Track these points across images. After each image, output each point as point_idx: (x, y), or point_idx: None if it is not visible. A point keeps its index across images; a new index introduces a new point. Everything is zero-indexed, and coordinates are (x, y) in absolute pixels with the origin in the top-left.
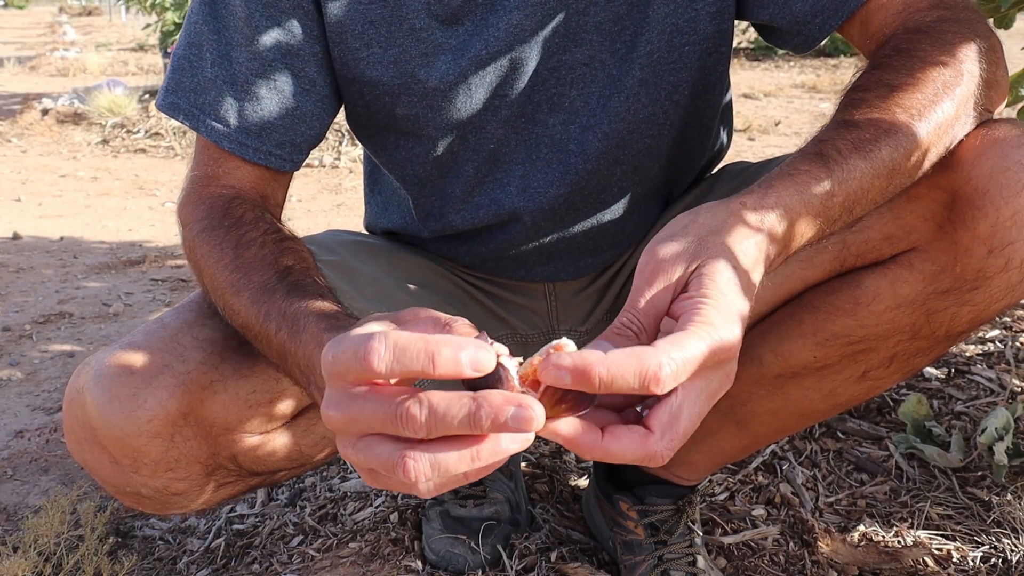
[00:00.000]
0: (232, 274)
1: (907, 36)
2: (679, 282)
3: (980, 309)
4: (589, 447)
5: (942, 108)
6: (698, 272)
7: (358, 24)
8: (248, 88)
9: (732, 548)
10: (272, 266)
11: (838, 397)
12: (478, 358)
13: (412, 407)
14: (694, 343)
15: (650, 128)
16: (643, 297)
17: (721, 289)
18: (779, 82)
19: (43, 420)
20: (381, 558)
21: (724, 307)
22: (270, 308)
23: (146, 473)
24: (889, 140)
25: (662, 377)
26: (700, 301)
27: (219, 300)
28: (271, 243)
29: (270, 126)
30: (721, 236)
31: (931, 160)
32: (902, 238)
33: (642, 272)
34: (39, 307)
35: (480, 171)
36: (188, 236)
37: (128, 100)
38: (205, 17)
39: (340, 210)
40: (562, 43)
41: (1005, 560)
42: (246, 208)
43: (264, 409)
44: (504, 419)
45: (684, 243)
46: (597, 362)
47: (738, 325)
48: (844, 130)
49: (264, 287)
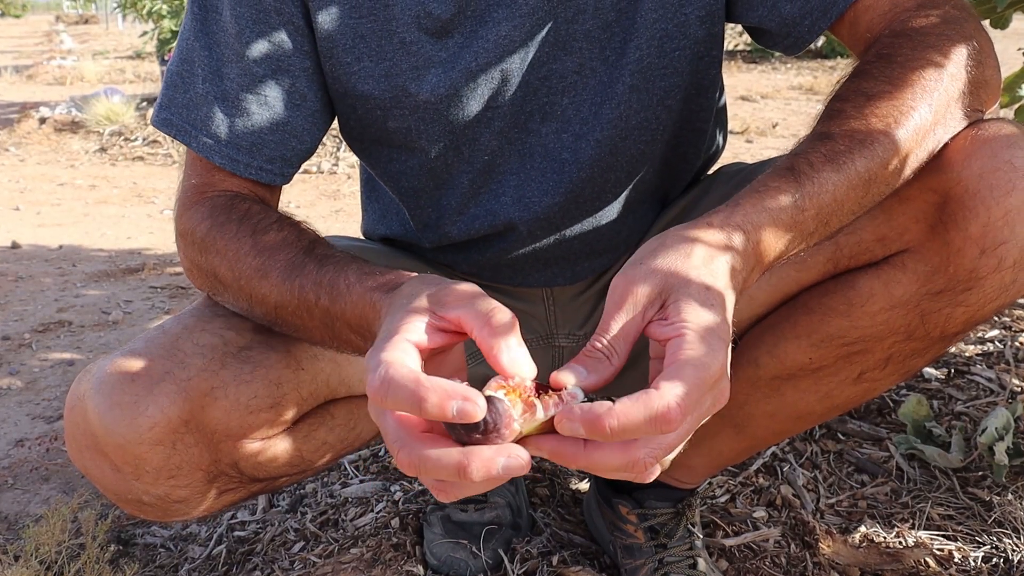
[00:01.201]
0: (255, 259)
1: (890, 41)
2: (649, 305)
3: (974, 310)
4: (572, 456)
5: (919, 114)
6: (675, 299)
7: (349, 38)
8: (239, 104)
9: (733, 550)
10: (295, 245)
11: (835, 399)
12: (465, 409)
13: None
14: (690, 373)
15: (643, 134)
16: (613, 321)
17: (699, 314)
18: (776, 84)
19: (43, 429)
20: (383, 563)
21: (706, 333)
22: (304, 281)
23: (148, 480)
24: (864, 151)
25: (673, 419)
26: (683, 328)
27: (243, 290)
28: (288, 226)
29: (261, 141)
30: (691, 259)
31: (912, 167)
32: (895, 239)
33: (612, 296)
34: (38, 316)
35: (475, 182)
36: (196, 239)
37: (126, 108)
38: (197, 33)
39: (339, 216)
40: (552, 52)
41: (1007, 560)
42: (251, 202)
43: (265, 415)
44: (496, 471)
45: (653, 266)
46: (605, 414)
47: (721, 349)
48: (819, 143)
49: (292, 264)
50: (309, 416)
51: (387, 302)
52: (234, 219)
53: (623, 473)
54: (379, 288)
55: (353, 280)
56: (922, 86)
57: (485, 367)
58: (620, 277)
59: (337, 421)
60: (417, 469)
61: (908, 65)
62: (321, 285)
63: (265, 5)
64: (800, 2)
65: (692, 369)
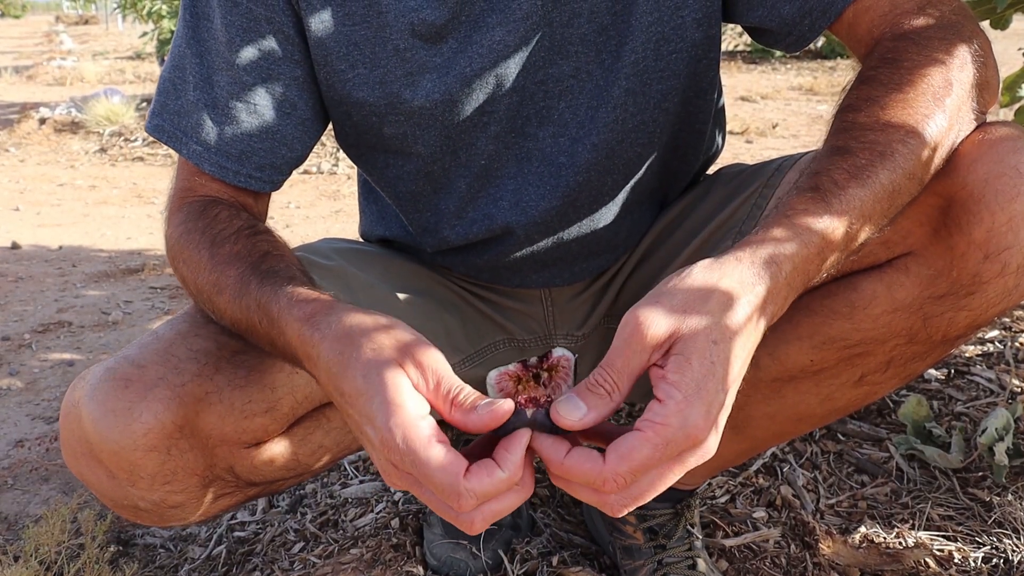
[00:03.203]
0: (211, 274)
1: (893, 44)
2: (656, 349)
3: (977, 313)
4: (556, 463)
5: (935, 121)
6: (678, 350)
7: (343, 46)
8: (228, 112)
9: (733, 550)
10: (246, 258)
11: (836, 402)
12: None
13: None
14: (643, 453)
15: (640, 137)
16: (620, 358)
17: (695, 377)
18: (776, 85)
19: (43, 429)
20: (383, 564)
21: (694, 399)
22: (248, 301)
23: (143, 487)
24: (886, 163)
25: (609, 490)
26: (669, 393)
27: (206, 303)
28: (244, 236)
29: (250, 149)
30: (708, 304)
31: (931, 173)
32: (898, 242)
33: (622, 331)
34: (38, 316)
35: (472, 187)
36: (170, 246)
37: (125, 108)
38: (188, 41)
39: (338, 216)
40: (547, 56)
41: (1007, 560)
42: (221, 208)
43: (260, 419)
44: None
45: (668, 307)
46: (557, 461)
47: (703, 415)
48: (839, 158)
49: (241, 280)
50: (305, 419)
51: (321, 342)
52: (199, 227)
53: (595, 504)
54: (304, 321)
55: (284, 307)
56: (934, 92)
57: (483, 368)
58: (635, 312)
59: (333, 424)
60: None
61: (916, 70)
62: (260, 308)
63: (256, 14)
64: (799, 2)
65: (649, 450)
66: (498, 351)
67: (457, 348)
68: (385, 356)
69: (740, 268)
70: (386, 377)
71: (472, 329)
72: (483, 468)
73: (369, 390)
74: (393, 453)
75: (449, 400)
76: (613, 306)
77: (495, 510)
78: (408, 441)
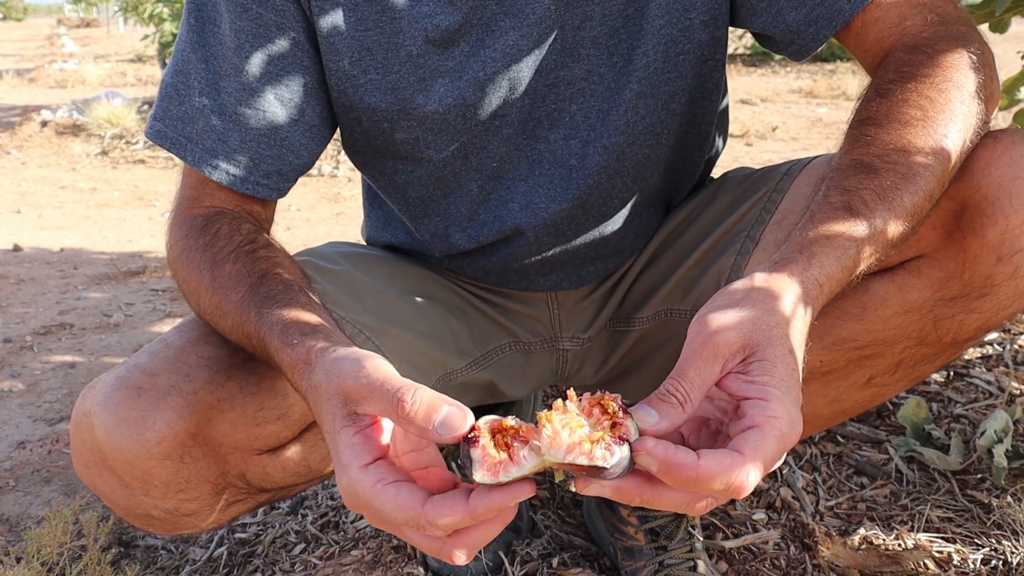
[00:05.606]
0: (213, 296)
1: (907, 57)
2: (731, 357)
3: (987, 316)
4: (633, 495)
5: (952, 140)
6: (760, 357)
7: (355, 51)
8: (236, 118)
9: (733, 552)
10: (245, 281)
11: (843, 403)
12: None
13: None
14: (772, 446)
15: (649, 138)
16: (692, 368)
17: (784, 379)
18: (776, 88)
19: (45, 431)
20: (383, 565)
21: (787, 399)
22: (248, 330)
23: (156, 495)
24: (909, 186)
25: (746, 490)
26: (768, 393)
27: (210, 322)
28: (244, 254)
29: (258, 156)
30: (775, 315)
31: (945, 188)
32: (911, 245)
33: (693, 340)
34: (40, 318)
35: (484, 189)
36: (171, 259)
37: (127, 111)
38: (193, 45)
39: (339, 219)
40: (559, 59)
41: (1006, 562)
42: (223, 223)
43: (272, 426)
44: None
45: (738, 318)
46: (688, 465)
47: (799, 415)
48: (865, 177)
49: (242, 305)
50: (315, 426)
51: (306, 393)
52: (199, 245)
53: (673, 509)
54: (291, 370)
55: (276, 347)
56: (951, 108)
57: (489, 372)
58: (702, 322)
59: None
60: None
61: (933, 85)
62: (260, 340)
63: (266, 19)
64: (805, 10)
65: (775, 442)
66: (504, 354)
67: (463, 352)
68: (337, 425)
69: (793, 285)
70: (337, 442)
71: (478, 333)
72: (445, 498)
73: (332, 454)
74: (357, 510)
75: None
76: (619, 309)
77: (476, 539)
78: (357, 497)
